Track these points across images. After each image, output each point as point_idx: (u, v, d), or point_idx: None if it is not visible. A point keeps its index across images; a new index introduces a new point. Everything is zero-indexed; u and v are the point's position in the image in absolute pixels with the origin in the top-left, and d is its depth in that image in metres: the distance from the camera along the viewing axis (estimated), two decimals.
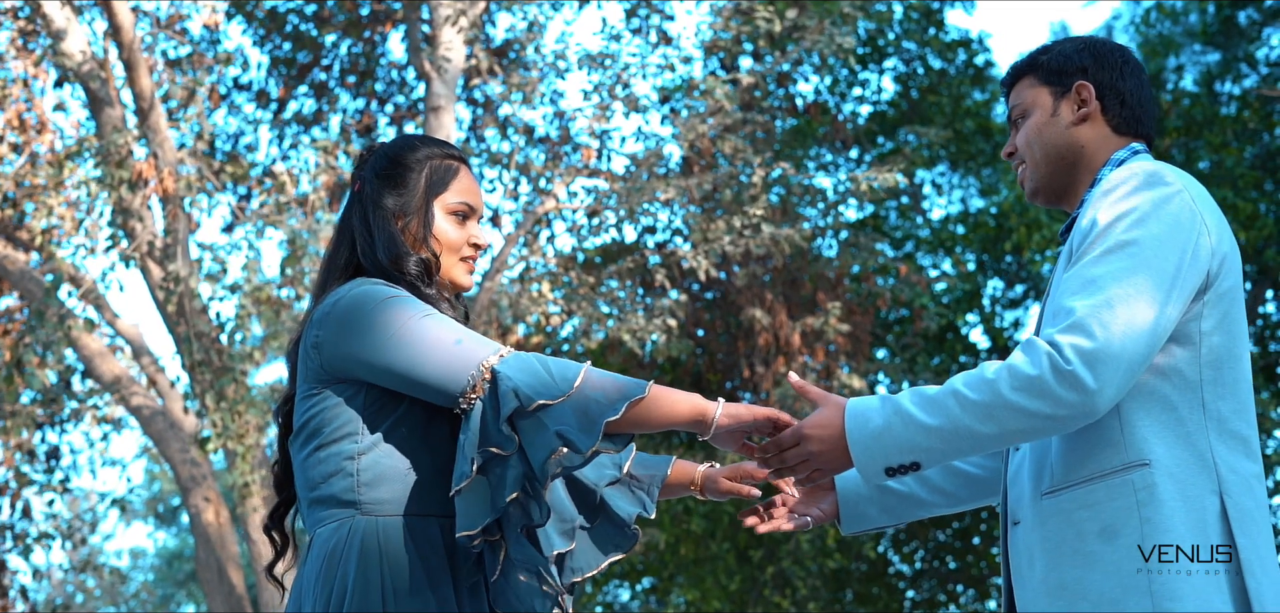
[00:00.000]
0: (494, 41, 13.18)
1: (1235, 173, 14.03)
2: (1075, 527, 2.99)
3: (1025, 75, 3.36)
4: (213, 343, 10.29)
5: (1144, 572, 2.90)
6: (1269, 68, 16.33)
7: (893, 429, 2.96)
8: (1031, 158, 3.31)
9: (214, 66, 11.63)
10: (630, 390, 2.98)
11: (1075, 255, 3.02)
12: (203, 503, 10.97)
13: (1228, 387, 3.03)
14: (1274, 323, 16.61)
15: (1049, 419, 2.88)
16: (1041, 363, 2.86)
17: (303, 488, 3.16)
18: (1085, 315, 2.86)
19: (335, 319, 3.08)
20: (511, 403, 2.91)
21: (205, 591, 11.15)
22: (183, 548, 27.91)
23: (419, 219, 3.27)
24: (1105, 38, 3.44)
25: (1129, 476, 2.95)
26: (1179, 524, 2.91)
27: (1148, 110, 3.30)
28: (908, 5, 15.31)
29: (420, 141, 3.36)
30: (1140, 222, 2.96)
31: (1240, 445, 3.02)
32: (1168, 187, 3.02)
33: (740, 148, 11.53)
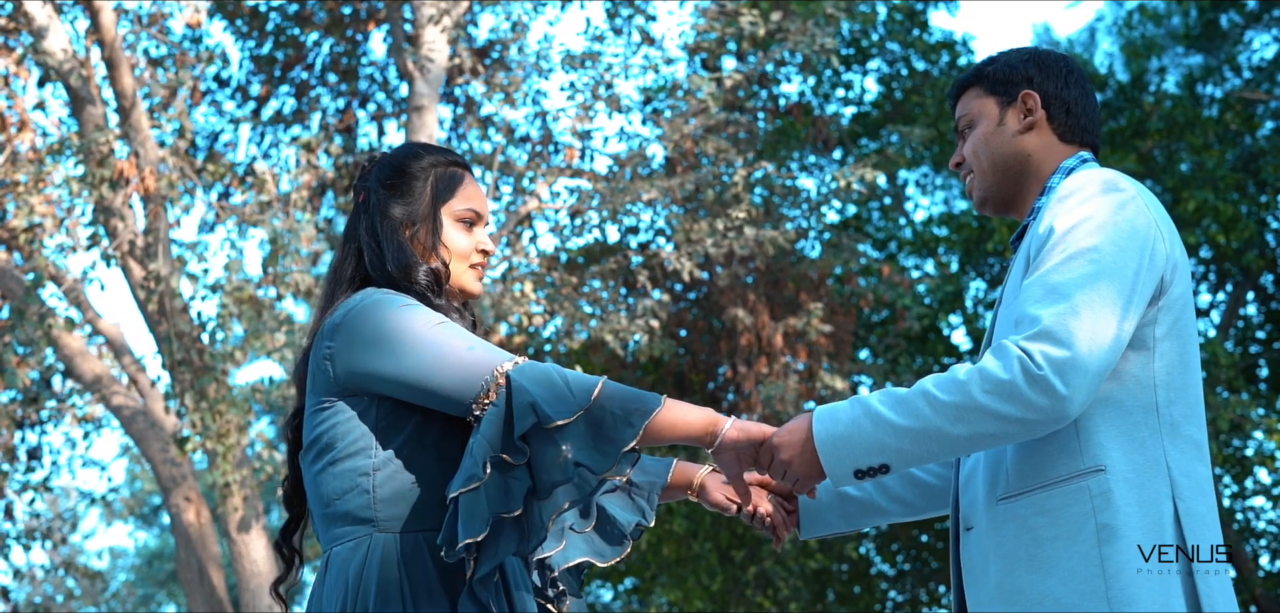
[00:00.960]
0: (476, 41, 13.16)
1: (1217, 175, 14.06)
2: (1031, 532, 3.01)
3: (971, 86, 3.40)
4: (194, 342, 10.26)
5: (1100, 577, 2.92)
6: (1251, 71, 16.37)
7: (861, 429, 2.96)
8: (979, 167, 3.35)
9: (196, 65, 11.59)
10: (647, 406, 2.95)
11: (1034, 262, 3.03)
12: (183, 503, 10.94)
13: (1179, 391, 3.06)
14: (1255, 324, 16.66)
15: (1019, 423, 2.89)
16: (1013, 367, 2.87)
17: (316, 504, 3.13)
18: (1053, 323, 2.88)
19: (346, 331, 3.06)
20: (529, 419, 2.87)
21: (186, 591, 11.13)
22: (163, 548, 27.84)
23: (427, 228, 3.25)
24: (1050, 48, 3.47)
25: (1085, 482, 2.98)
26: (1134, 529, 2.93)
27: (1093, 119, 3.34)
28: (891, 6, 15.33)
29: (424, 150, 3.34)
30: (1100, 229, 2.99)
31: (1193, 449, 3.05)
32: (1124, 193, 3.06)
33: (723, 148, 11.53)
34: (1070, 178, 3.15)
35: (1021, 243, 3.25)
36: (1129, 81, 15.82)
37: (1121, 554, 2.91)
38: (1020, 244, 3.26)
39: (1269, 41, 16.44)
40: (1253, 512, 15.74)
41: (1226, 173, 14.13)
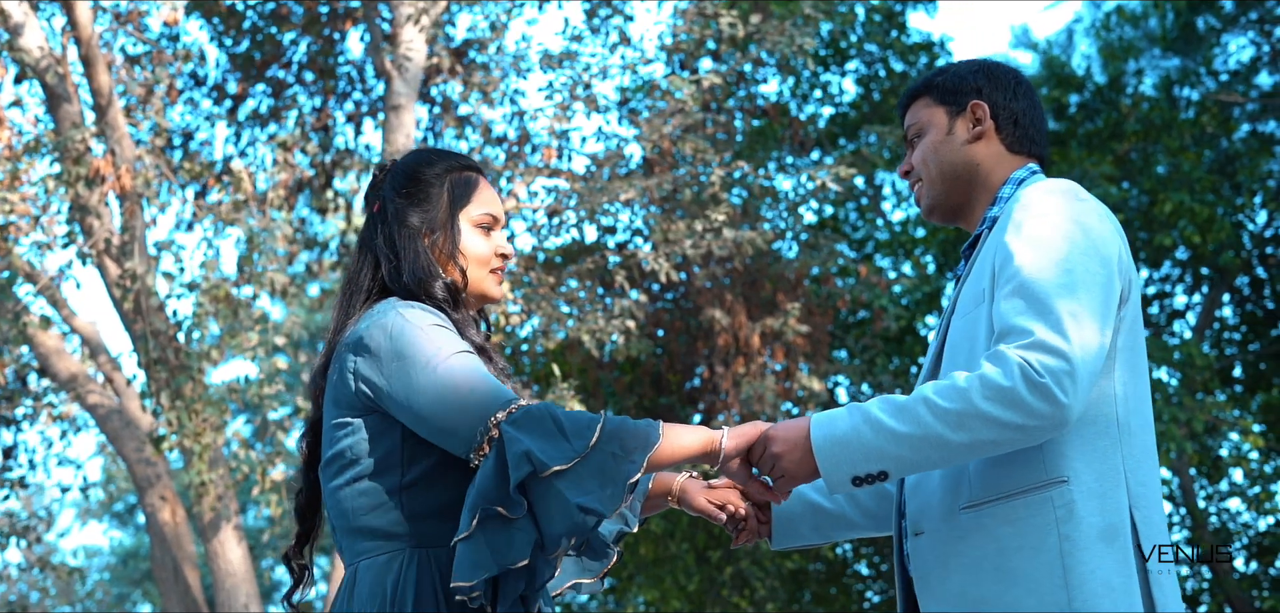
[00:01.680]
0: (454, 41, 13.14)
1: (1193, 177, 14.11)
2: (996, 542, 3.03)
3: (920, 96, 3.43)
4: (170, 341, 10.23)
5: (1063, 588, 2.94)
6: (1227, 74, 16.43)
7: (861, 436, 2.97)
8: (928, 175, 3.38)
9: (172, 63, 11.56)
10: (647, 439, 2.91)
11: (1006, 272, 3.04)
12: (159, 502, 10.91)
13: (1136, 400, 3.10)
14: (1230, 326, 16.72)
15: (1019, 430, 2.91)
16: (1015, 375, 2.88)
17: (340, 517, 3.11)
18: (1047, 334, 2.90)
19: (367, 347, 3.03)
20: (524, 468, 2.81)
21: (161, 590, 11.09)
22: (138, 547, 27.76)
23: (445, 235, 3.23)
24: (998, 60, 3.51)
25: (1048, 493, 3.00)
26: (1096, 540, 2.96)
27: (1040, 131, 3.38)
28: (870, 8, 15.35)
29: (437, 156, 3.32)
30: (1075, 239, 3.02)
31: (1147, 457, 3.09)
32: (1088, 204, 3.10)
33: (701, 149, 11.53)
34: (1033, 188, 3.17)
35: (975, 253, 3.27)
36: (1106, 83, 15.86)
37: (1084, 565, 2.94)
38: (973, 253, 3.29)
39: (1245, 45, 16.50)
40: (1228, 513, 15.79)
41: (1203, 175, 14.18)
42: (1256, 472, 14.66)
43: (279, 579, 26.81)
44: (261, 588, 25.13)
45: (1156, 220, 14.34)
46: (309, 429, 3.28)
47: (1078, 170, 14.15)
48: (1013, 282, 3.00)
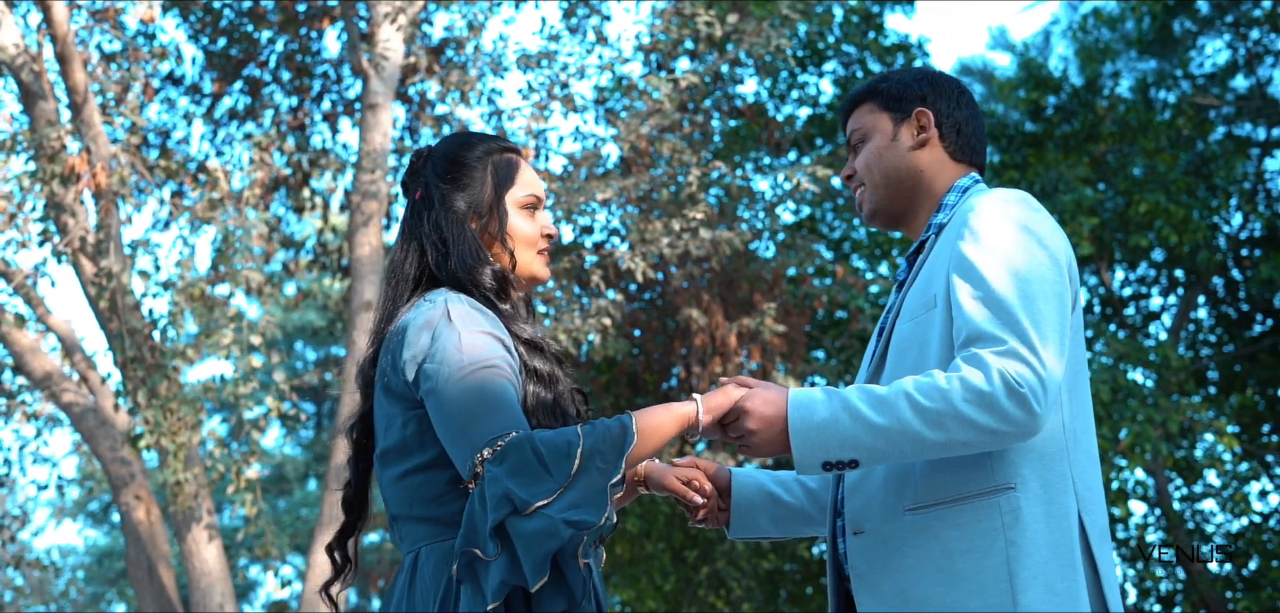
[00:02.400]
0: (432, 40, 13.12)
1: (1169, 178, 14.15)
2: (942, 544, 3.04)
3: (865, 101, 3.46)
4: (145, 340, 10.20)
5: (1009, 593, 2.96)
6: (1203, 76, 16.48)
7: (839, 423, 2.97)
8: (871, 180, 3.41)
9: (148, 61, 11.52)
10: (623, 444, 2.88)
11: (970, 278, 3.06)
12: (134, 501, 10.87)
13: (1080, 404, 3.14)
14: (1205, 328, 16.77)
15: (992, 435, 2.93)
16: (994, 380, 2.91)
17: (399, 506, 3.10)
18: (1019, 343, 2.94)
19: (417, 343, 3.01)
20: (504, 509, 2.78)
21: (135, 589, 11.06)
22: (113, 547, 27.67)
23: (493, 218, 3.23)
24: (940, 70, 3.54)
25: (996, 498, 3.02)
26: (1042, 546, 2.98)
27: (981, 141, 3.43)
28: (847, 9, 15.36)
29: (476, 138, 3.31)
30: (1034, 249, 3.06)
31: (1091, 461, 3.13)
32: (1042, 214, 3.14)
33: (678, 149, 11.53)
34: (987, 197, 3.19)
35: (920, 259, 3.29)
36: (1083, 85, 15.90)
37: (1029, 570, 2.96)
38: (918, 260, 3.31)
39: (1221, 48, 16.55)
40: (1202, 515, 15.84)
41: (1179, 177, 14.22)
42: (1231, 473, 14.71)
43: (254, 579, 26.76)
44: (236, 588, 25.08)
45: (1132, 222, 14.38)
46: (359, 421, 3.25)
47: (1054, 171, 14.18)
48: (978, 290, 3.02)
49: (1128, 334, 15.84)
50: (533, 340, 3.16)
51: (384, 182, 11.61)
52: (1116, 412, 12.58)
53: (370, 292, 11.26)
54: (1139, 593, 15.80)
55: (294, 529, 23.80)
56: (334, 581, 3.35)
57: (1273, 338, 15.98)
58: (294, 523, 24.05)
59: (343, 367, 11.39)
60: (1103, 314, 16.73)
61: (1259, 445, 15.66)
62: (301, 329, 27.07)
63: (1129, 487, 14.23)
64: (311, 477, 26.80)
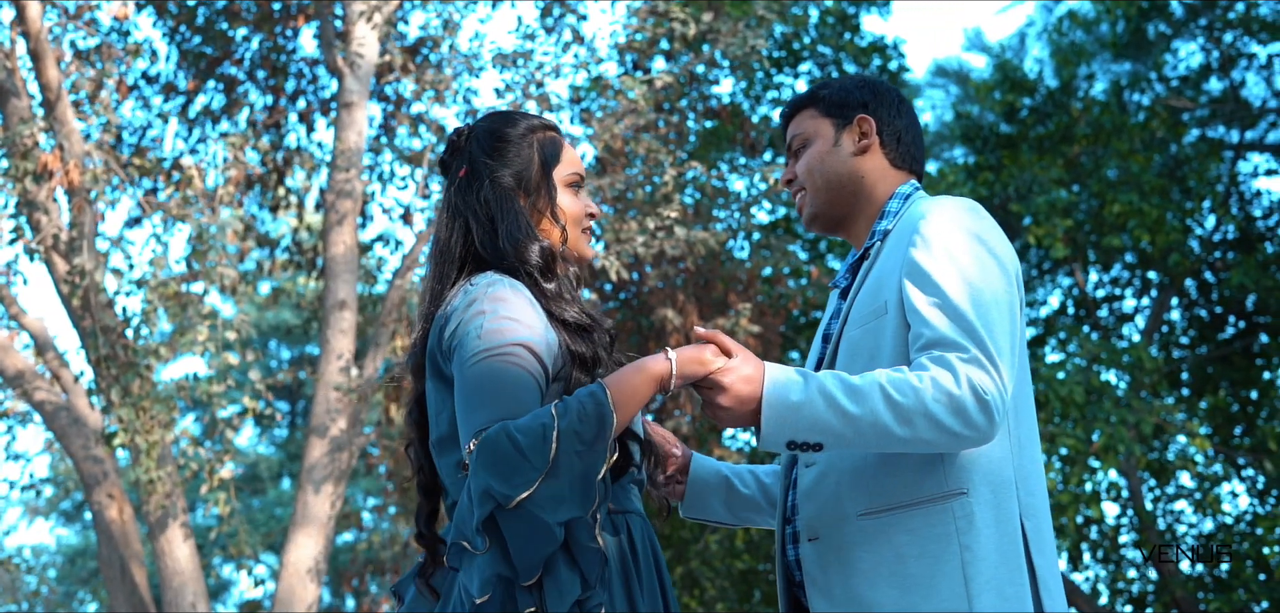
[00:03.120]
0: (407, 39, 13.10)
1: (1142, 180, 14.20)
2: (895, 549, 3.06)
3: (806, 107, 3.48)
4: (118, 338, 10.16)
5: (965, 597, 2.98)
6: (1177, 79, 16.54)
7: (814, 406, 2.95)
8: (812, 185, 3.42)
9: (122, 59, 11.48)
10: (603, 421, 2.82)
11: (926, 285, 3.07)
12: (106, 500, 10.83)
13: (1024, 410, 3.17)
14: (1178, 329, 16.82)
15: (954, 438, 2.95)
16: (963, 384, 2.93)
17: (457, 493, 3.05)
18: (980, 353, 2.96)
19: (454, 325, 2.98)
20: (486, 506, 2.74)
21: (108, 589, 11.02)
22: (86, 545, 27.56)
23: (542, 195, 3.20)
24: (880, 78, 3.57)
25: (949, 503, 3.04)
26: (993, 551, 3.01)
27: (920, 149, 3.46)
28: (823, 10, 15.38)
29: (518, 116, 3.28)
30: (985, 261, 3.09)
31: (1035, 466, 3.15)
32: (991, 223, 3.17)
33: (654, 149, 11.53)
34: (937, 205, 3.21)
35: (865, 265, 3.30)
36: (1058, 87, 15.95)
37: (983, 575, 2.98)
38: (862, 266, 3.32)
39: (1195, 51, 16.62)
40: (1174, 516, 15.89)
41: (1152, 179, 14.27)
42: (1203, 474, 14.77)
43: (227, 579, 26.66)
44: (209, 587, 25.01)
45: (1106, 223, 14.42)
46: (414, 404, 3.21)
47: (1029, 173, 14.22)
48: (935, 298, 3.04)
49: (1101, 336, 15.89)
50: (578, 322, 3.12)
51: (358, 180, 11.59)
52: (1090, 413, 12.62)
53: (344, 290, 11.24)
54: (1110, 593, 15.85)
55: (267, 528, 23.73)
56: (427, 568, 3.22)
57: (1245, 340, 16.04)
58: (267, 522, 23.99)
59: (317, 366, 11.36)
60: (1076, 316, 16.78)
61: (1231, 447, 15.72)
62: (276, 328, 27.01)
63: (1102, 488, 14.26)
64: (285, 476, 26.73)
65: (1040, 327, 16.74)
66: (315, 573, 10.72)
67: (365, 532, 23.39)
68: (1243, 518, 15.28)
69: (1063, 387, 12.75)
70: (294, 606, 10.56)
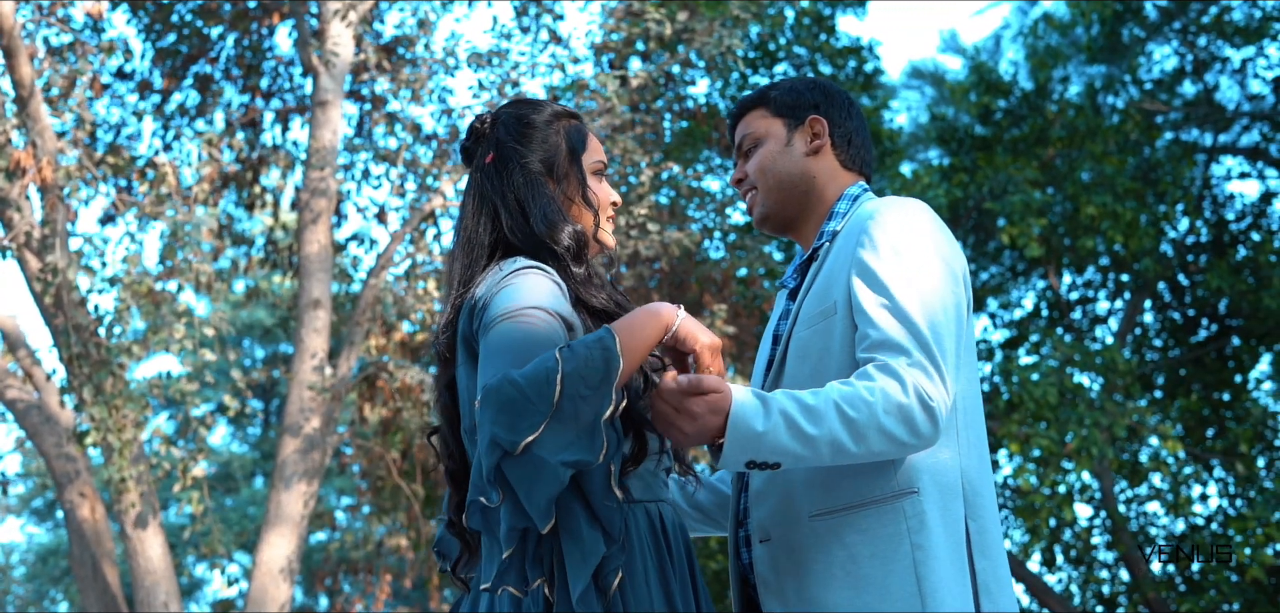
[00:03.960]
0: (383, 37, 13.08)
1: (1116, 183, 14.24)
2: (847, 550, 3.05)
3: (756, 107, 3.48)
4: (91, 336, 10.12)
5: (918, 596, 2.98)
6: (1151, 82, 16.60)
7: (776, 432, 2.93)
8: (764, 184, 3.42)
9: (96, 55, 11.43)
10: (609, 366, 2.76)
11: (874, 285, 3.07)
12: (78, 499, 10.79)
13: (972, 412, 3.17)
14: (1151, 331, 16.88)
15: (902, 447, 2.96)
16: (910, 393, 2.93)
17: None
18: (924, 357, 2.97)
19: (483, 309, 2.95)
20: (495, 454, 2.68)
21: (79, 588, 10.98)
22: (58, 544, 27.48)
23: (571, 180, 3.19)
24: (829, 81, 3.58)
25: (900, 503, 3.04)
26: (944, 552, 3.01)
27: (869, 152, 3.47)
28: (799, 10, 15.39)
29: (541, 103, 3.27)
30: (932, 259, 3.10)
31: (983, 466, 3.16)
32: (939, 223, 3.18)
33: (629, 149, 11.52)
34: (886, 206, 3.21)
35: (814, 265, 3.31)
36: (1033, 90, 15.99)
37: (936, 574, 2.98)
38: (811, 266, 3.33)
39: (1169, 54, 16.68)
40: (1146, 517, 15.95)
41: (1126, 182, 14.32)
42: (1175, 476, 14.82)
43: (200, 578, 26.59)
44: (181, 586, 24.93)
45: (1080, 225, 14.46)
46: (446, 389, 3.17)
47: (1003, 174, 14.26)
48: (883, 299, 3.04)
49: (1075, 338, 15.94)
50: (605, 309, 3.10)
51: (333, 179, 11.56)
52: (1063, 415, 12.65)
53: (319, 289, 11.21)
54: (1083, 594, 15.89)
55: (241, 527, 23.67)
56: (460, 561, 3.20)
57: (1217, 343, 16.11)
58: (241, 521, 23.92)
59: (290, 365, 11.34)
60: (1050, 318, 16.83)
61: (1203, 449, 15.78)
62: (250, 327, 26.95)
63: (1075, 489, 14.30)
64: (258, 475, 26.68)
65: (1014, 329, 16.79)
66: (288, 572, 10.69)
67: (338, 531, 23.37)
68: (1213, 519, 15.34)
69: (1036, 388, 12.78)
70: (267, 605, 10.53)
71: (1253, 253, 15.27)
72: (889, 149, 15.00)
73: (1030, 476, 12.95)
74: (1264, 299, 14.45)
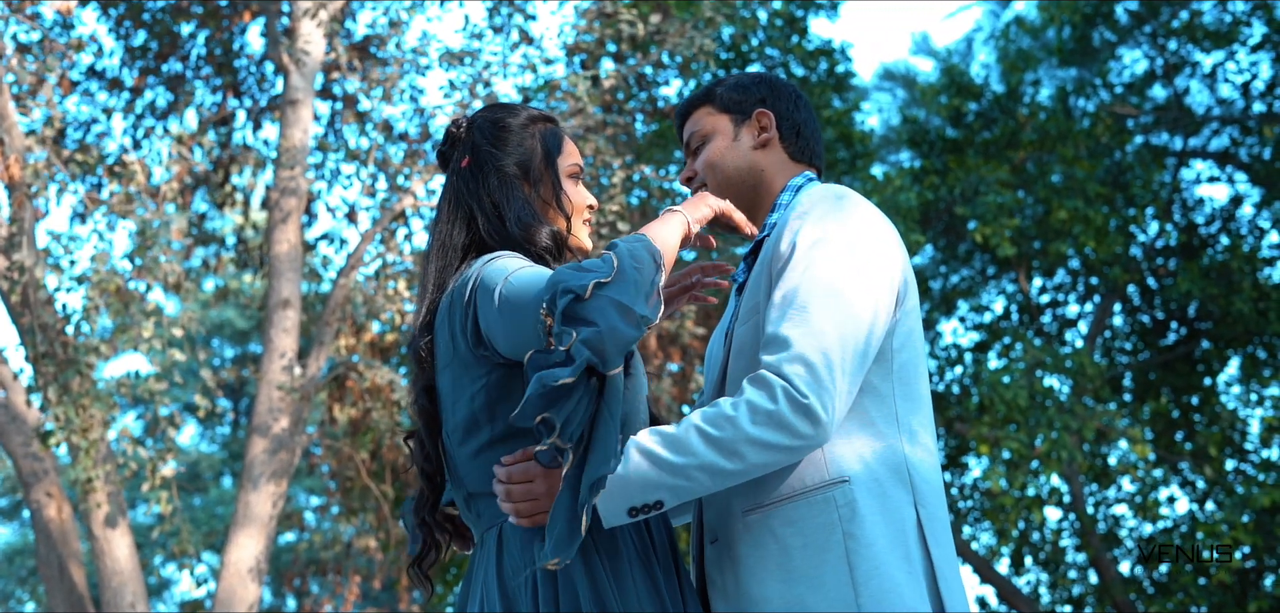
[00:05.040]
0: (354, 36, 13.04)
1: (1087, 187, 14.29)
2: (780, 543, 3.04)
3: (703, 104, 3.48)
4: (58, 335, 10.06)
5: (850, 584, 2.96)
6: (1122, 86, 16.66)
7: (640, 470, 2.92)
8: (713, 181, 3.41)
9: (65, 53, 11.37)
10: (654, 253, 2.81)
11: (779, 279, 3.06)
12: (45, 498, 10.73)
13: (916, 400, 3.14)
14: (1121, 335, 16.94)
15: (788, 451, 2.92)
16: (778, 397, 2.90)
17: (475, 483, 3.05)
18: (806, 346, 2.92)
19: (471, 304, 2.96)
20: (566, 298, 2.65)
21: (46, 588, 10.91)
22: (24, 544, 27.33)
23: (547, 184, 3.20)
24: (776, 75, 3.57)
25: (830, 492, 3.02)
26: (882, 540, 2.99)
27: (819, 143, 3.45)
28: (771, 12, 15.39)
29: (519, 107, 3.29)
30: (844, 244, 3.06)
31: (929, 455, 3.14)
32: (862, 207, 3.14)
33: (601, 150, 11.51)
34: (805, 193, 3.23)
35: (755, 259, 3.30)
36: (1004, 93, 16.03)
37: (869, 562, 2.96)
38: (754, 259, 3.31)
39: (1140, 58, 16.74)
40: (1114, 519, 16.00)
41: (1096, 186, 14.36)
42: (1144, 479, 14.88)
43: (168, 578, 26.49)
44: (149, 586, 24.82)
45: (1051, 229, 14.51)
46: (423, 392, 3.17)
47: (975, 177, 14.28)
48: (782, 287, 3.02)
49: (1044, 341, 15.98)
50: None
51: (303, 178, 11.52)
52: (1033, 418, 12.68)
53: (288, 289, 11.17)
54: (1051, 596, 15.94)
55: (209, 527, 23.59)
56: (425, 556, 3.24)
57: (1187, 346, 16.18)
58: (209, 520, 23.84)
59: (260, 364, 11.30)
60: (1020, 321, 16.87)
61: (1172, 452, 15.85)
62: (220, 326, 26.86)
63: (1044, 492, 14.34)
64: (227, 475, 26.59)
65: (984, 332, 16.83)
66: (256, 573, 10.65)
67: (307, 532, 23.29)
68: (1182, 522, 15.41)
69: (1006, 391, 12.81)
70: (235, 605, 10.49)
71: (1222, 257, 15.34)
72: (861, 151, 15.01)
73: (1000, 478, 12.98)
74: (1234, 303, 14.52)
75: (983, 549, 16.12)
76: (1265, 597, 13.31)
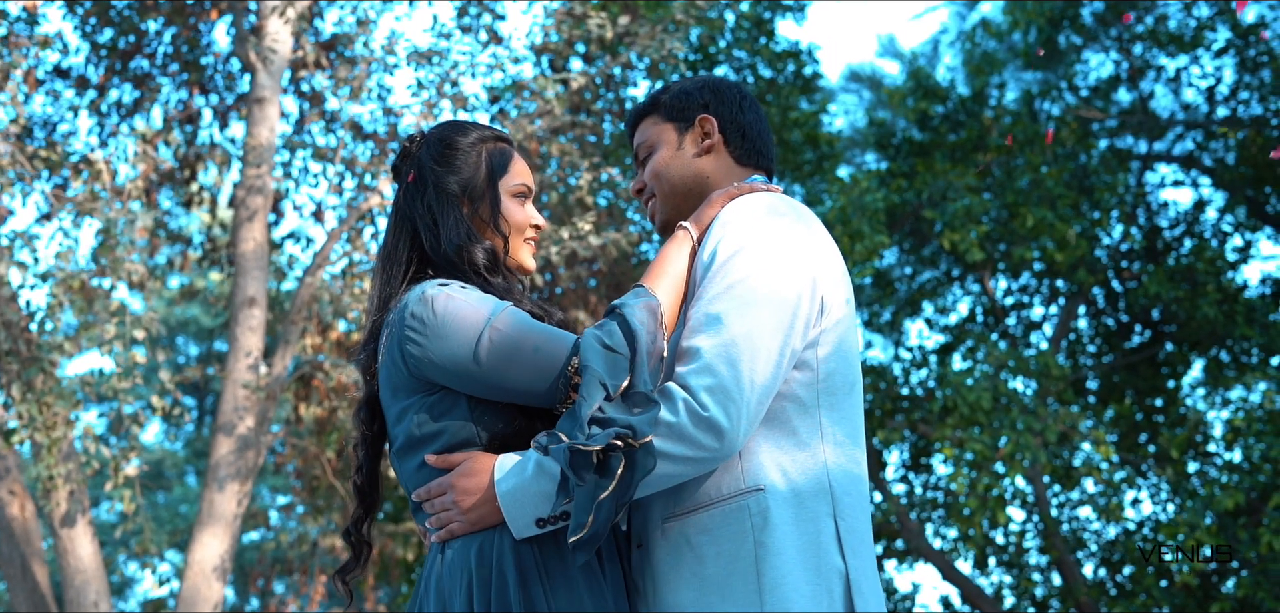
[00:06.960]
0: (322, 34, 13.00)
1: (1053, 192, 14.34)
2: (695, 551, 3.06)
3: (648, 115, 3.50)
4: (22, 332, 10.01)
5: (757, 593, 2.97)
6: (1087, 90, 16.72)
7: (539, 483, 2.96)
8: (660, 190, 3.43)
9: (30, 49, 11.31)
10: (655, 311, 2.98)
11: (698, 289, 3.08)
12: (7, 496, 10.68)
13: (843, 411, 3.14)
14: (1085, 338, 17.00)
15: (692, 462, 2.94)
16: (680, 410, 2.91)
17: None
18: (714, 357, 2.94)
19: (421, 329, 3.01)
20: (598, 394, 2.83)
21: (8, 586, 10.86)
22: None
23: (486, 203, 3.25)
24: (722, 77, 3.58)
25: (744, 501, 3.03)
26: (791, 549, 2.99)
27: (767, 143, 3.46)
28: (739, 14, 15.41)
29: (469, 126, 3.34)
30: (761, 254, 3.06)
31: (854, 466, 3.14)
32: (785, 217, 3.14)
33: (567, 152, 11.51)
34: (733, 203, 3.22)
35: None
36: (970, 96, 16.08)
37: (776, 571, 2.97)
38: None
39: (1105, 62, 16.81)
40: (1078, 521, 16.06)
41: (1062, 190, 14.41)
42: (1108, 481, 14.94)
43: (131, 576, 26.36)
44: (112, 584, 24.70)
45: (1017, 234, 14.55)
46: (365, 405, 3.27)
47: (942, 180, 14.32)
48: (700, 298, 3.04)
49: (1009, 344, 16.03)
50: (532, 312, 3.18)
51: (270, 177, 11.49)
52: (997, 420, 12.72)
53: (254, 287, 11.14)
54: (1016, 598, 15.99)
55: (172, 526, 23.50)
56: (352, 566, 3.33)
57: (1151, 349, 16.26)
58: (172, 519, 23.75)
59: (225, 363, 11.26)
60: (985, 324, 16.92)
61: (1136, 454, 15.91)
62: (185, 324, 26.74)
63: (1008, 494, 14.39)
64: (191, 473, 26.48)
65: (949, 334, 16.87)
66: (221, 572, 10.62)
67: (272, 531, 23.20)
68: (1145, 524, 15.48)
69: (970, 393, 12.84)
70: (199, 605, 10.45)
71: (1186, 260, 15.41)
72: (827, 153, 15.04)
73: (964, 479, 13.01)
74: (1198, 306, 14.59)
75: (946, 546, 16.17)
76: (1227, 599, 13.36)
